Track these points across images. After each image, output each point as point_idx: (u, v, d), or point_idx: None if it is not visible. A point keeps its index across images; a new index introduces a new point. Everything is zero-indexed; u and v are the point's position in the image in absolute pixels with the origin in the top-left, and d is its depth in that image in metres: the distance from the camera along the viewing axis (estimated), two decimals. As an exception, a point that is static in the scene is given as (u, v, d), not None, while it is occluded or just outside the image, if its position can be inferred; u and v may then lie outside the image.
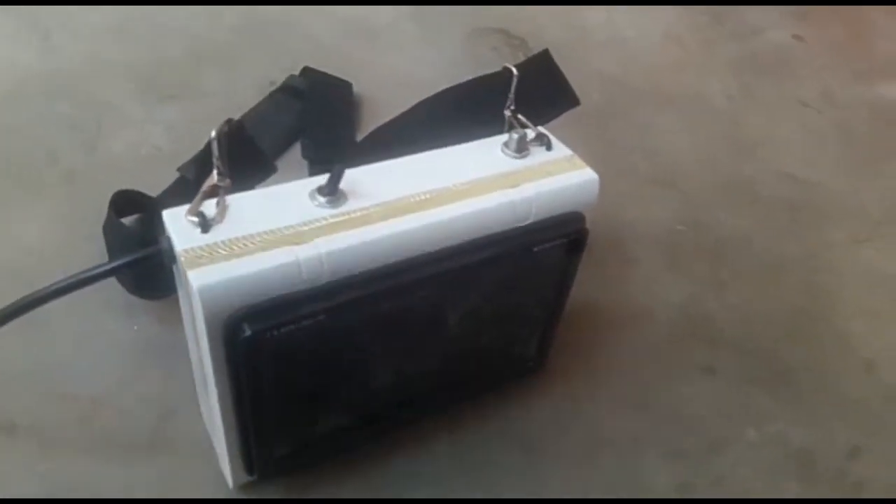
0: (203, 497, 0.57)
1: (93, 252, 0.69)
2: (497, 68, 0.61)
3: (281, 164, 0.70)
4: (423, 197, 0.50)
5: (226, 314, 0.43)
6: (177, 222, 0.46)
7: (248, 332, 0.43)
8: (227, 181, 0.48)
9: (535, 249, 0.52)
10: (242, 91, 0.91)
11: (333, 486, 0.59)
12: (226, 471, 0.55)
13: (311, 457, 0.56)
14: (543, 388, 0.67)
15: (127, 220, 0.70)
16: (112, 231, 0.67)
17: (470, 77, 0.67)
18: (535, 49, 1.10)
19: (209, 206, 0.46)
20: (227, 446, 0.52)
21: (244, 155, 0.50)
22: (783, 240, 0.89)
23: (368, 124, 0.92)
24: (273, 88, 0.91)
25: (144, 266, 0.48)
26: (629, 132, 0.99)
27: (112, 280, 0.66)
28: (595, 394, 0.68)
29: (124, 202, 0.69)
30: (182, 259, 0.43)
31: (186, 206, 0.46)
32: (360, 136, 0.89)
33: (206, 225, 0.45)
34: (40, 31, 0.92)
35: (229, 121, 0.48)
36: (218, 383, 0.47)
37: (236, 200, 0.48)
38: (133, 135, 0.85)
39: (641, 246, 0.83)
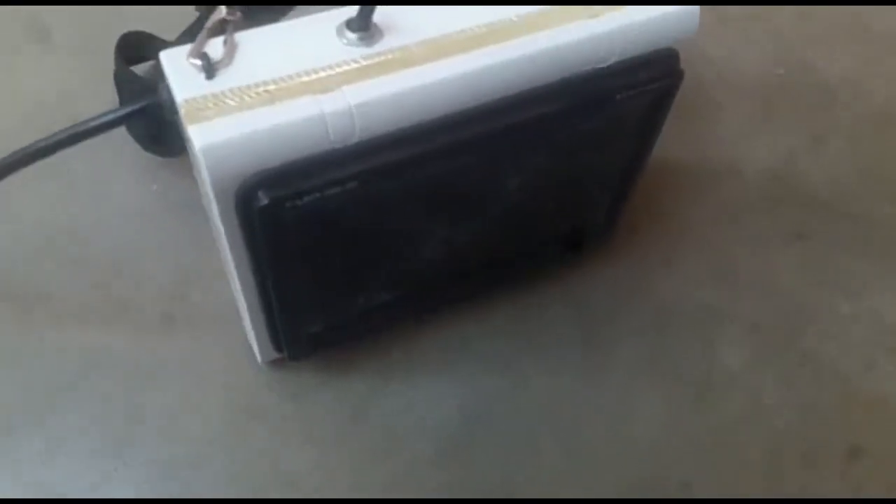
0: (231, 370, 0.52)
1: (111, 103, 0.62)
2: None
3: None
4: (477, 32, 0.40)
5: (238, 179, 0.36)
6: (177, 66, 0.37)
7: (264, 201, 0.36)
8: (238, 14, 0.38)
9: (618, 97, 0.42)
10: None
11: (374, 361, 0.54)
12: (254, 345, 0.50)
13: (349, 334, 0.50)
14: (610, 258, 0.59)
15: (142, 68, 0.61)
16: (122, 81, 0.59)
17: None
18: None
19: (216, 47, 0.37)
20: (252, 323, 0.46)
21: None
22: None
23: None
24: None
25: (150, 119, 0.40)
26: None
27: (128, 137, 0.59)
28: (668, 263, 0.60)
29: (134, 48, 0.60)
30: (182, 111, 0.35)
31: (187, 47, 0.37)
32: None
33: (211, 69, 0.36)
34: None
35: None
36: (234, 257, 0.40)
37: (248, 39, 0.38)
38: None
39: (729, 91, 0.72)
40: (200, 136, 0.34)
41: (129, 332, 0.54)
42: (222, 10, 0.38)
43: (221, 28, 0.38)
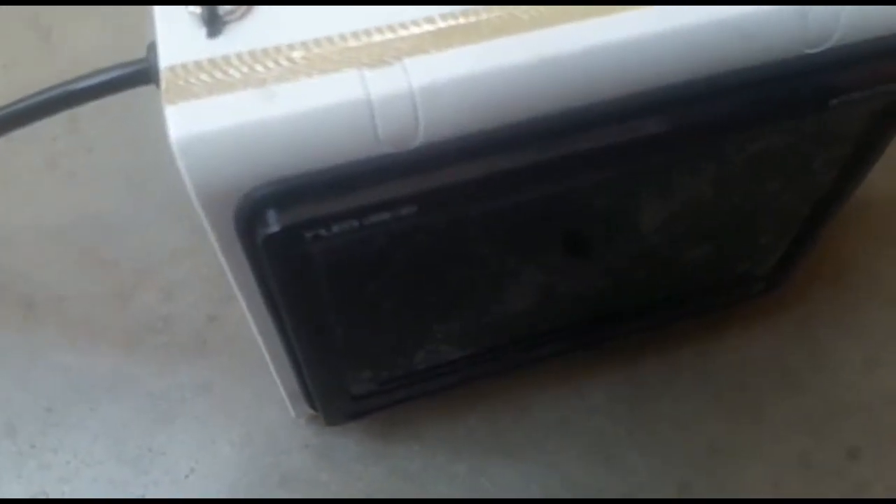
0: (261, 418, 0.42)
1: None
2: None
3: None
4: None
5: (238, 191, 0.24)
6: (172, 17, 0.25)
7: (274, 228, 0.24)
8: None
9: (833, 101, 0.27)
10: None
11: (441, 428, 0.41)
12: (286, 399, 0.38)
13: (405, 397, 0.38)
14: (773, 321, 0.44)
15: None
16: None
17: None
18: None
19: (229, -10, 0.26)
20: (279, 376, 0.34)
21: None
22: None
23: None
24: None
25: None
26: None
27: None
28: (855, 332, 0.44)
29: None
30: (164, 82, 0.23)
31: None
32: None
33: (215, 23, 0.25)
34: None
35: None
36: (244, 296, 0.29)
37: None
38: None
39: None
40: (179, 121, 0.22)
41: (154, 355, 0.44)
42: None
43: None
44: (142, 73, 0.27)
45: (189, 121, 0.22)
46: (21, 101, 0.29)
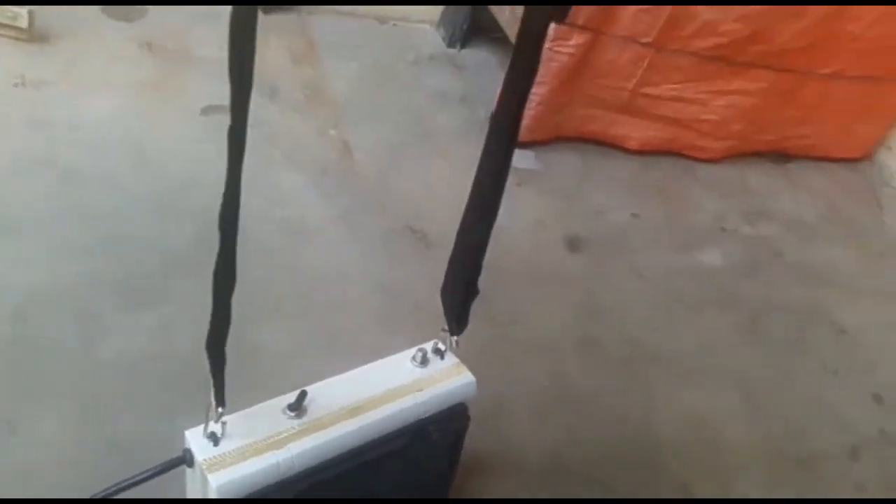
0: None
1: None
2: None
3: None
4: (356, 405, 0.75)
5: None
6: (196, 439, 0.69)
7: (248, 513, 0.67)
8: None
9: (433, 436, 0.78)
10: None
11: None
12: None
13: None
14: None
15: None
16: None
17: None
18: (434, 240, 1.40)
19: (218, 426, 0.70)
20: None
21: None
22: (623, 392, 1.19)
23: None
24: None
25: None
26: (505, 308, 1.28)
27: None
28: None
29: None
30: (203, 467, 0.66)
31: (202, 427, 0.69)
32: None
33: (217, 441, 0.69)
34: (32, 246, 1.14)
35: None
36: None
37: (237, 418, 0.71)
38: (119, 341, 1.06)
39: (517, 403, 1.11)
40: (215, 480, 0.65)
41: None
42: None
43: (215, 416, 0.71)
44: (180, 461, 0.68)
45: (219, 479, 0.65)
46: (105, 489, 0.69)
